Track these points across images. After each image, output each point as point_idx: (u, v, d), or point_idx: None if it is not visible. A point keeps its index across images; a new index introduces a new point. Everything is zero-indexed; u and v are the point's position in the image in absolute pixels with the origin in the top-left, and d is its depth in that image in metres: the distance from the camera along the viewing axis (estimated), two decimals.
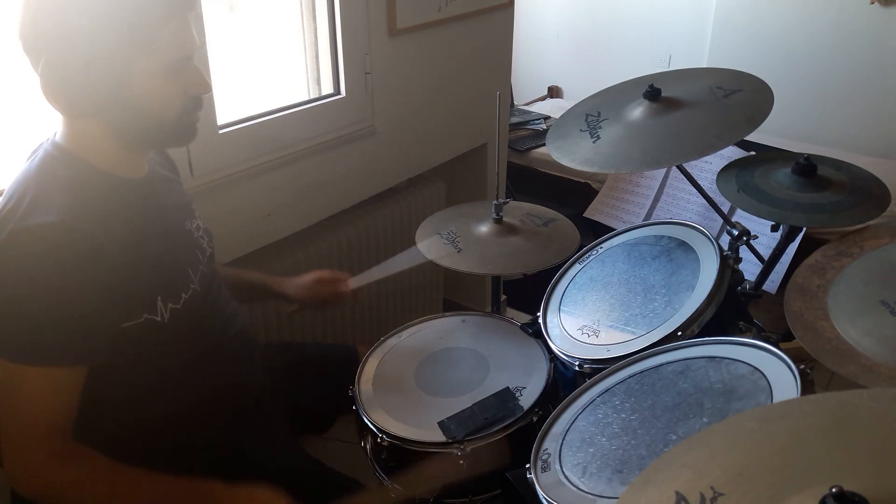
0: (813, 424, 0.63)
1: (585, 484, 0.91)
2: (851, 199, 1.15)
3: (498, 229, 1.45)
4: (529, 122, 3.15)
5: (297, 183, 1.63)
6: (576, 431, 1.01)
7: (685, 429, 0.90)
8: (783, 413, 0.68)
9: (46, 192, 0.90)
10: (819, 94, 3.13)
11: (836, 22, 3.00)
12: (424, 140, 1.99)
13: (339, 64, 1.66)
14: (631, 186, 2.62)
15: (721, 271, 1.13)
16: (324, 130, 1.66)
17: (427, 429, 1.15)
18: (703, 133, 1.25)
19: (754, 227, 1.34)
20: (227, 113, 1.46)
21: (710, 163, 2.41)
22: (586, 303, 1.29)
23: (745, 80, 1.36)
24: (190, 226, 1.11)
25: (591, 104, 1.47)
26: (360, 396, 1.24)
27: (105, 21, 0.86)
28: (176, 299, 1.01)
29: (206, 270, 1.10)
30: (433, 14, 1.84)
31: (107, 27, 0.87)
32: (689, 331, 1.09)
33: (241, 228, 1.53)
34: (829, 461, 0.59)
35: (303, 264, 1.70)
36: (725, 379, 0.94)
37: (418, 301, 2.19)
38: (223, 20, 1.51)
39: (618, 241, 1.39)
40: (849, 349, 0.93)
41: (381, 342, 1.39)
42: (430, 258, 1.40)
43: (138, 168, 1.03)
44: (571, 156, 1.33)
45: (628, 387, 1.03)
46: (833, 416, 0.63)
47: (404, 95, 1.86)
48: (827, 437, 0.61)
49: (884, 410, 0.62)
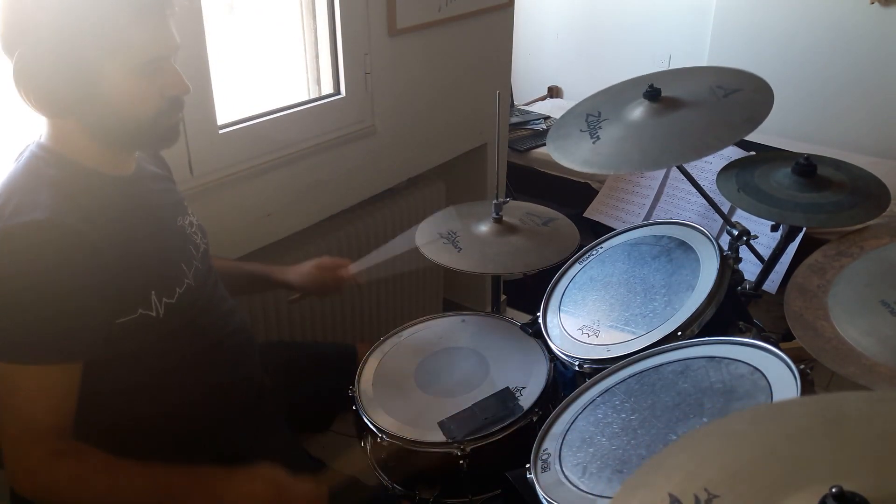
0: (805, 426, 0.63)
1: (585, 484, 0.91)
2: (851, 199, 1.15)
3: (498, 229, 1.45)
4: (529, 122, 3.14)
5: (297, 183, 1.63)
6: (576, 431, 1.01)
7: (685, 429, 0.90)
8: (775, 414, 0.68)
9: (33, 190, 0.89)
10: (819, 93, 3.13)
11: (836, 22, 2.99)
12: (424, 140, 1.99)
13: (339, 64, 1.66)
14: (631, 186, 2.62)
15: (721, 271, 1.13)
16: (324, 130, 1.66)
17: (427, 429, 1.15)
18: (703, 133, 1.25)
19: (754, 227, 1.34)
20: (227, 113, 1.46)
21: (710, 163, 2.41)
22: (586, 303, 1.29)
23: (746, 80, 1.35)
24: (182, 222, 1.11)
25: (592, 104, 1.47)
26: (359, 396, 1.24)
27: (74, 18, 0.86)
28: (170, 293, 1.00)
29: (200, 266, 1.10)
30: (433, 14, 1.84)
31: (76, 24, 0.86)
32: (689, 331, 1.09)
33: (241, 228, 1.53)
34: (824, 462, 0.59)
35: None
36: (725, 379, 0.94)
37: (418, 301, 2.19)
38: (223, 20, 1.50)
39: (618, 241, 1.39)
40: (849, 349, 0.93)
41: (381, 342, 1.39)
42: (429, 258, 1.40)
43: (125, 166, 1.02)
44: (571, 156, 1.33)
45: (628, 387, 1.03)
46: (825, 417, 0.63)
47: (404, 95, 1.86)
48: (821, 438, 0.61)
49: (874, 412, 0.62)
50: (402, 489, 1.20)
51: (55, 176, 0.92)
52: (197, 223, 1.16)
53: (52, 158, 0.93)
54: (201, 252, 1.13)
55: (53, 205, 0.88)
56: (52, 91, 0.89)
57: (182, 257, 1.06)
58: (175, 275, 1.03)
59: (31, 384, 0.88)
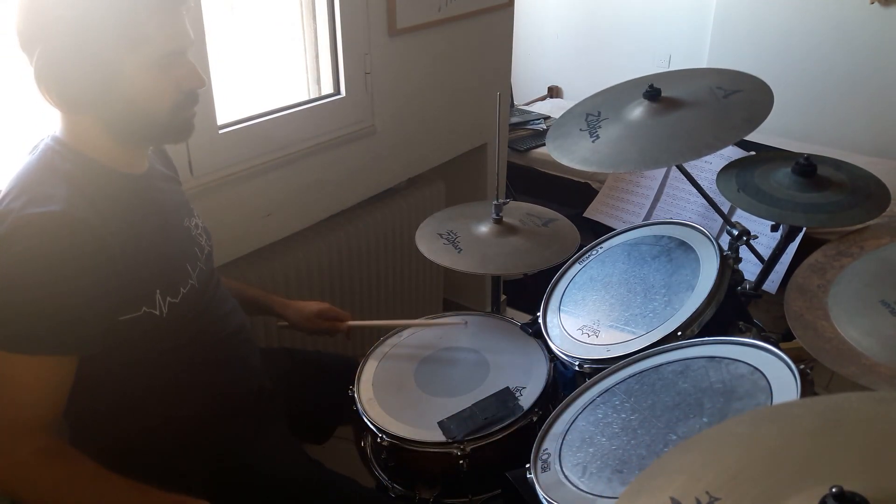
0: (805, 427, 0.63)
1: (585, 484, 0.91)
2: (851, 199, 1.15)
3: (498, 229, 1.45)
4: (529, 122, 3.15)
5: (297, 183, 1.63)
6: (576, 431, 1.01)
7: (685, 429, 0.90)
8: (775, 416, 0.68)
9: (47, 183, 0.90)
10: (819, 93, 3.13)
11: (836, 22, 3.00)
12: (424, 140, 1.99)
13: (339, 64, 1.66)
14: (631, 186, 2.62)
15: (721, 271, 1.13)
16: (324, 130, 1.66)
17: (427, 429, 1.15)
18: (701, 133, 1.25)
19: (754, 227, 1.34)
20: (227, 113, 1.46)
21: (710, 163, 2.41)
22: (586, 303, 1.29)
23: (746, 81, 1.35)
24: (188, 223, 1.11)
25: (592, 104, 1.47)
26: (359, 396, 1.24)
27: (95, 14, 0.86)
28: (174, 293, 1.01)
29: (204, 268, 1.10)
30: (433, 14, 1.84)
31: (96, 20, 0.87)
32: (689, 331, 1.09)
33: (241, 228, 1.54)
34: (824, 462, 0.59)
35: (303, 264, 1.70)
36: (725, 379, 0.94)
37: (418, 301, 2.19)
38: (223, 20, 1.50)
39: (618, 241, 1.39)
40: (849, 349, 0.93)
41: (381, 342, 1.39)
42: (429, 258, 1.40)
43: (138, 164, 1.03)
44: (570, 155, 1.33)
45: (628, 387, 1.03)
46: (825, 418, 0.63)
47: (404, 95, 1.86)
48: (821, 439, 0.61)
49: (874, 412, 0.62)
50: (401, 489, 1.20)
51: (70, 171, 0.93)
52: (202, 225, 1.16)
53: (68, 153, 0.94)
54: (205, 254, 1.13)
55: (68, 198, 0.88)
56: (73, 87, 0.89)
57: (187, 258, 1.07)
58: (180, 275, 1.04)
59: (25, 374, 0.87)
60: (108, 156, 0.97)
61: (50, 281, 0.86)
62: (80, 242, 0.87)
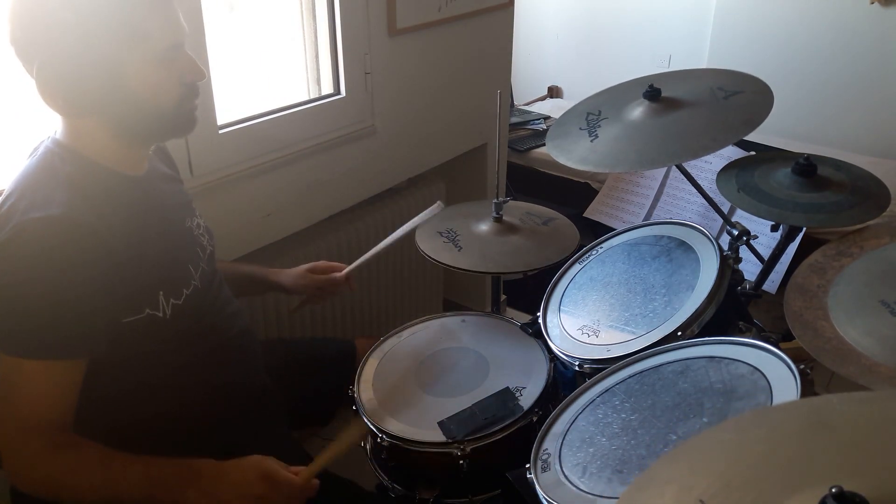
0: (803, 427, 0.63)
1: (585, 484, 0.91)
2: (851, 199, 1.15)
3: (498, 228, 1.45)
4: (529, 122, 3.15)
5: (297, 183, 1.63)
6: (576, 431, 1.01)
7: (685, 429, 0.90)
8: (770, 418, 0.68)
9: (48, 187, 0.90)
10: (819, 94, 3.13)
11: (836, 22, 3.00)
12: (424, 140, 1.99)
13: (339, 64, 1.66)
14: (631, 186, 2.62)
15: (721, 271, 1.13)
16: (324, 130, 1.66)
17: (427, 429, 1.15)
18: (700, 134, 1.25)
19: (754, 227, 1.34)
20: (227, 113, 1.46)
21: (710, 163, 2.41)
22: (586, 303, 1.29)
23: (747, 82, 1.35)
24: (190, 223, 1.11)
25: (592, 104, 1.47)
26: (359, 396, 1.24)
27: (92, 16, 0.86)
28: (177, 295, 1.01)
29: (206, 268, 1.10)
30: (433, 14, 1.84)
31: (95, 22, 0.87)
32: (689, 331, 1.09)
33: (241, 228, 1.54)
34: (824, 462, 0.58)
35: (303, 264, 1.69)
36: (725, 379, 0.94)
37: (418, 301, 2.19)
38: (223, 20, 1.50)
39: (618, 241, 1.39)
40: (849, 349, 0.93)
41: (380, 342, 1.39)
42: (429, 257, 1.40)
43: (139, 166, 1.03)
44: (569, 154, 1.33)
45: (628, 387, 1.03)
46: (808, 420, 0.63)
47: (404, 95, 1.86)
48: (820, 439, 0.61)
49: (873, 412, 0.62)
50: (402, 489, 1.20)
51: (71, 173, 0.92)
52: (204, 225, 1.16)
53: (68, 155, 0.94)
54: (208, 254, 1.13)
55: (69, 201, 0.88)
56: (79, 92, 0.89)
57: (190, 259, 1.07)
58: (183, 276, 1.03)
59: (35, 379, 0.88)
60: (109, 157, 0.97)
61: (54, 286, 0.86)
62: (82, 246, 0.87)
